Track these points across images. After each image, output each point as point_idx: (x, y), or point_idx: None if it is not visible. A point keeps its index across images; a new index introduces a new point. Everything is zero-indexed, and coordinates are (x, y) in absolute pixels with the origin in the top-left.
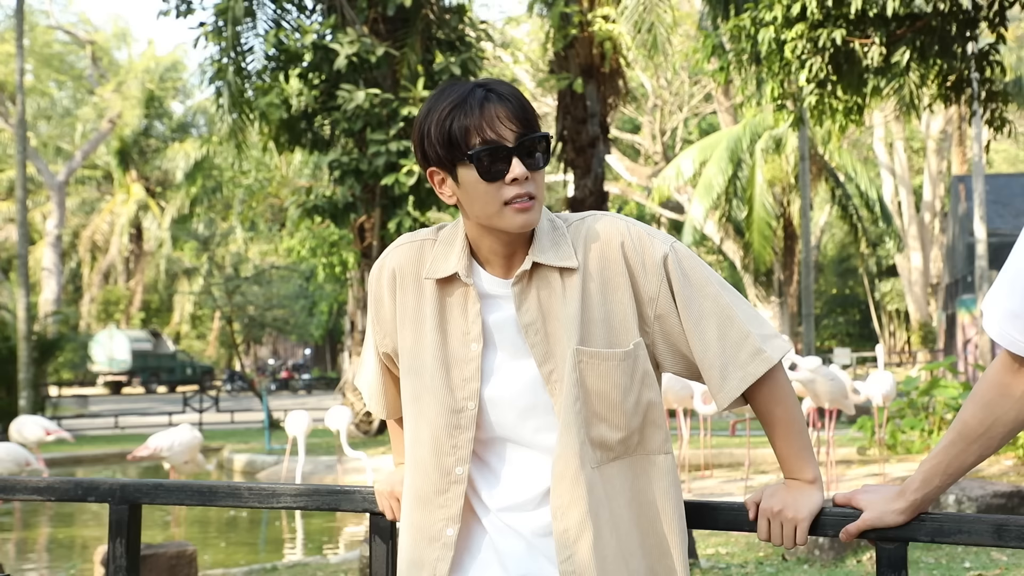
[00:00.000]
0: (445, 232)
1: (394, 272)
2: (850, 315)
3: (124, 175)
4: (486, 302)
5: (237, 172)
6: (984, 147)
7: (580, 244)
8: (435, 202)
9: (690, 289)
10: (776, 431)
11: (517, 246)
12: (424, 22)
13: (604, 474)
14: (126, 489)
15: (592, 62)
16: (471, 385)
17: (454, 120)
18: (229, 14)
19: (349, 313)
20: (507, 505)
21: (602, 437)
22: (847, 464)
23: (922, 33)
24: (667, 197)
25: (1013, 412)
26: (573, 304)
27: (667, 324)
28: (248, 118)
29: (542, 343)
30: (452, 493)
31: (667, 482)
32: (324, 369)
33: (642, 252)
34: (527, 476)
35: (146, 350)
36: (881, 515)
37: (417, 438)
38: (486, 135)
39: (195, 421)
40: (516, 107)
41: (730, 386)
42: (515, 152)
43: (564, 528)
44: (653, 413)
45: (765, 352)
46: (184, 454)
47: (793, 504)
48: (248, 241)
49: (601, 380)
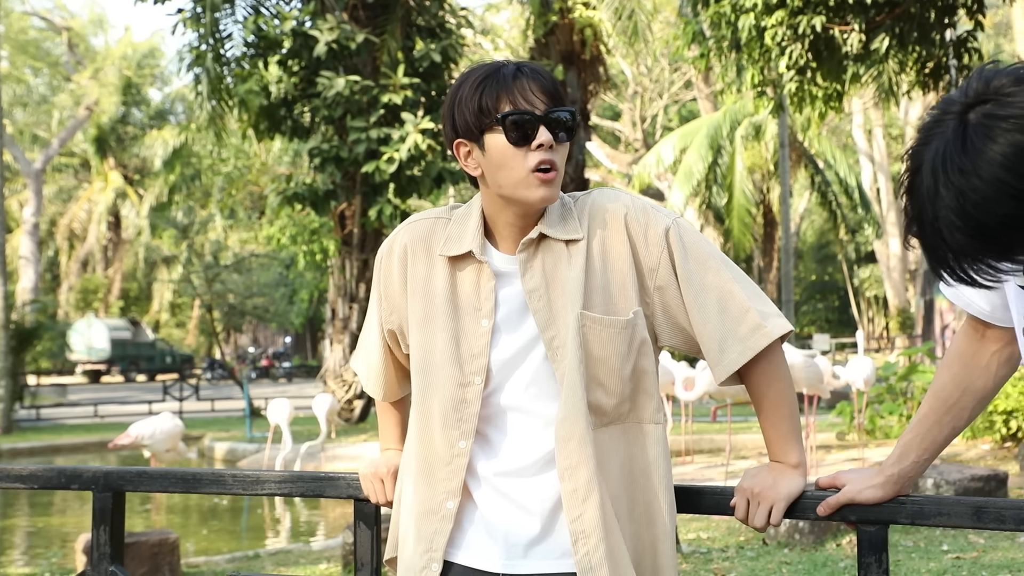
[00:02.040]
0: (459, 212)
1: (406, 247)
2: (829, 301)
3: (102, 163)
4: (500, 279)
5: (216, 160)
6: None
7: (584, 216)
8: (415, 189)
9: (692, 262)
10: (767, 412)
11: (531, 221)
12: (404, 9)
13: (598, 438)
14: (110, 477)
15: (572, 49)
16: (479, 360)
17: (486, 88)
18: (207, 0)
19: (330, 301)
20: (504, 471)
21: (598, 402)
22: (826, 449)
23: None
24: (647, 184)
25: (981, 380)
26: (577, 269)
27: (667, 296)
28: (227, 105)
29: (545, 309)
30: (454, 466)
31: (656, 451)
32: (304, 357)
33: (645, 224)
34: (526, 444)
35: (125, 338)
36: (860, 490)
37: (424, 411)
38: (517, 102)
39: (175, 409)
40: (547, 82)
41: (728, 359)
42: (543, 121)
43: (573, 488)
44: (646, 382)
45: (765, 327)
46: (165, 442)
47: (773, 485)
48: (228, 229)
49: (602, 346)
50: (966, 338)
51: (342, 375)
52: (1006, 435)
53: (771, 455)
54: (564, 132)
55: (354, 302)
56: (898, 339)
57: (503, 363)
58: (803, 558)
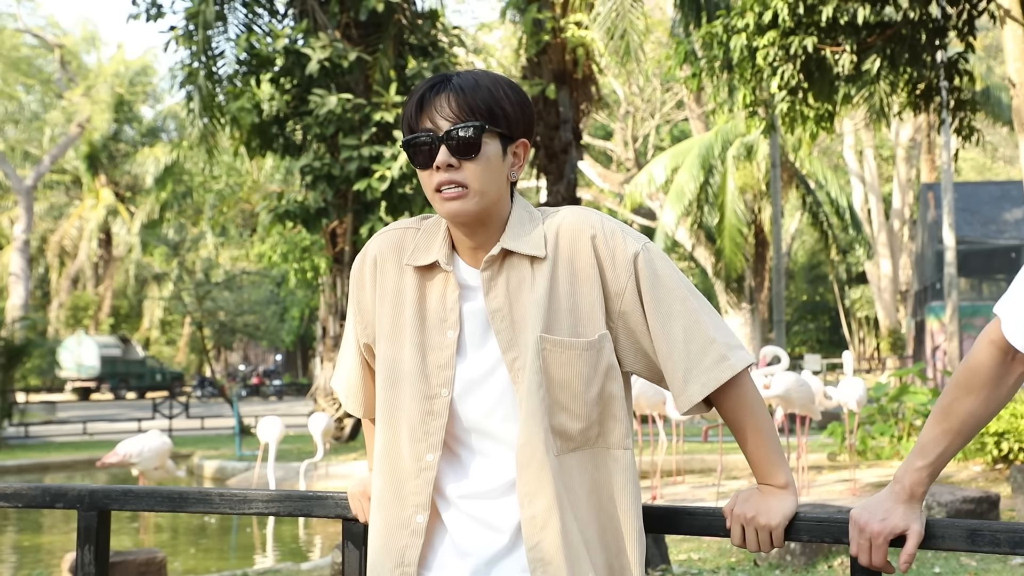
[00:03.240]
0: (429, 222)
1: (375, 258)
2: (820, 322)
3: (93, 180)
4: (464, 292)
5: (208, 177)
6: (953, 155)
7: (552, 234)
8: (407, 207)
9: (659, 290)
10: (746, 438)
11: (484, 238)
12: (396, 27)
13: (564, 464)
14: (95, 495)
15: (565, 68)
16: (445, 372)
17: (406, 108)
18: (200, 18)
19: (321, 319)
20: (470, 493)
21: (562, 426)
22: (818, 470)
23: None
24: (639, 204)
25: (1003, 402)
26: (540, 290)
27: (631, 321)
28: (219, 123)
29: (507, 330)
30: (422, 479)
31: (624, 478)
32: (295, 375)
33: (613, 247)
34: (493, 467)
35: (115, 356)
36: (909, 524)
37: (391, 424)
38: (420, 124)
39: (165, 427)
40: (466, 97)
41: (692, 390)
42: (444, 140)
43: (532, 515)
44: (614, 406)
45: (729, 360)
46: (154, 460)
47: (767, 510)
48: (219, 246)
49: (563, 369)
50: (993, 362)
51: (332, 393)
52: (997, 457)
53: (758, 478)
54: (466, 149)
55: (345, 320)
56: (889, 360)
57: (469, 381)
58: None
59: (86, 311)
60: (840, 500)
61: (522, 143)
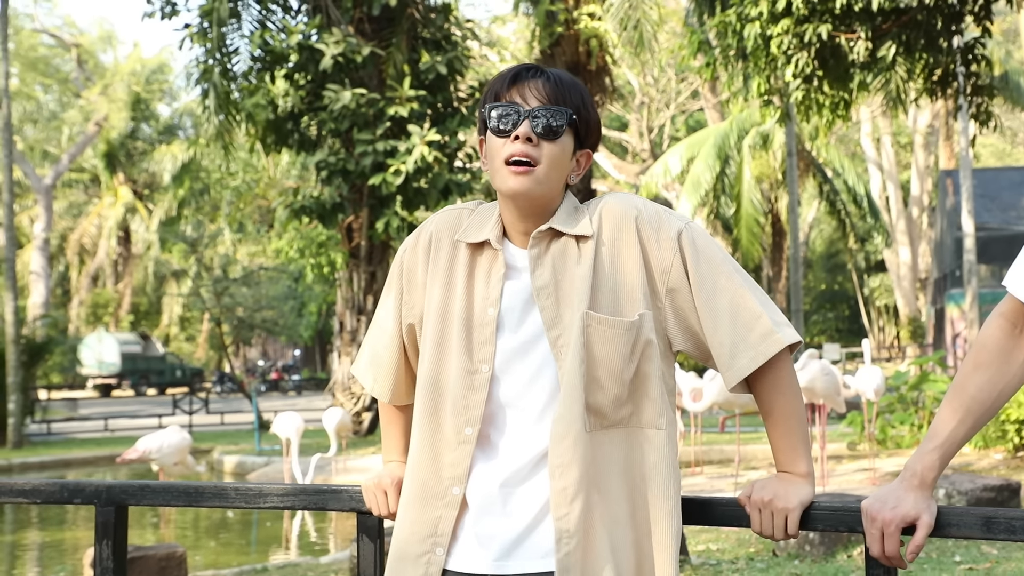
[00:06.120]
0: (484, 206)
1: (431, 236)
2: (839, 310)
3: (111, 178)
4: (510, 271)
5: (224, 174)
6: (971, 141)
7: (596, 216)
8: (422, 201)
9: (704, 266)
10: (776, 421)
11: (533, 222)
12: (410, 21)
13: (596, 440)
14: (112, 491)
15: (578, 60)
16: (486, 348)
17: (494, 85)
18: (214, 15)
19: (338, 313)
20: (497, 471)
21: (598, 404)
22: (837, 459)
23: (908, 27)
24: (655, 194)
25: (1017, 379)
26: (585, 267)
27: (678, 299)
28: (235, 119)
29: (552, 307)
30: (461, 452)
31: (656, 457)
32: (314, 370)
33: (657, 226)
34: (522, 444)
35: (135, 352)
36: (919, 513)
37: (432, 396)
38: (510, 97)
39: (185, 423)
40: (561, 88)
41: (739, 364)
42: (529, 115)
43: (563, 486)
44: (648, 386)
45: (777, 334)
46: (173, 456)
47: (784, 494)
48: (236, 243)
49: (605, 347)
50: (1001, 334)
51: (351, 387)
52: (1019, 444)
53: (779, 465)
54: (550, 130)
55: (362, 314)
56: (909, 348)
57: (507, 358)
58: (813, 569)
59: (106, 308)
60: (859, 490)
61: (587, 153)
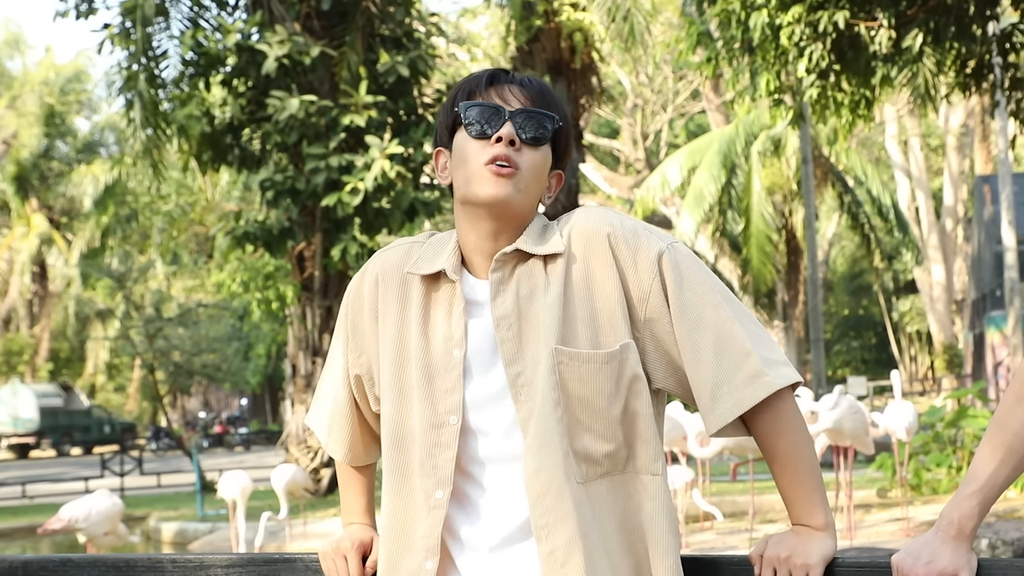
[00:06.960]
0: (437, 236)
1: (377, 277)
2: (865, 339)
3: (23, 204)
4: (471, 307)
5: (154, 197)
6: (1010, 142)
7: (566, 233)
8: (384, 224)
9: (688, 293)
10: (781, 469)
11: (501, 240)
12: (365, 17)
13: (591, 492)
14: (29, 567)
15: (561, 57)
16: (452, 397)
17: (462, 87)
18: (138, 13)
19: (290, 356)
20: (486, 536)
21: (587, 449)
22: (866, 508)
23: (936, 13)
24: (652, 210)
25: None
26: (553, 295)
27: (658, 330)
28: (165, 133)
29: (512, 340)
30: (432, 520)
31: (653, 507)
32: (263, 422)
33: (634, 247)
34: (510, 504)
35: (56, 406)
36: (958, 569)
37: (399, 461)
38: (488, 97)
39: (116, 486)
40: (543, 95)
41: (721, 409)
42: (512, 117)
43: (550, 550)
44: (640, 425)
45: (767, 376)
46: (103, 525)
47: (803, 550)
48: (170, 276)
49: (583, 385)
50: None
51: (306, 440)
52: None
53: (793, 518)
54: (535, 134)
55: (318, 356)
56: (945, 379)
57: (478, 406)
58: None
59: (21, 356)
60: (892, 542)
61: (558, 174)
